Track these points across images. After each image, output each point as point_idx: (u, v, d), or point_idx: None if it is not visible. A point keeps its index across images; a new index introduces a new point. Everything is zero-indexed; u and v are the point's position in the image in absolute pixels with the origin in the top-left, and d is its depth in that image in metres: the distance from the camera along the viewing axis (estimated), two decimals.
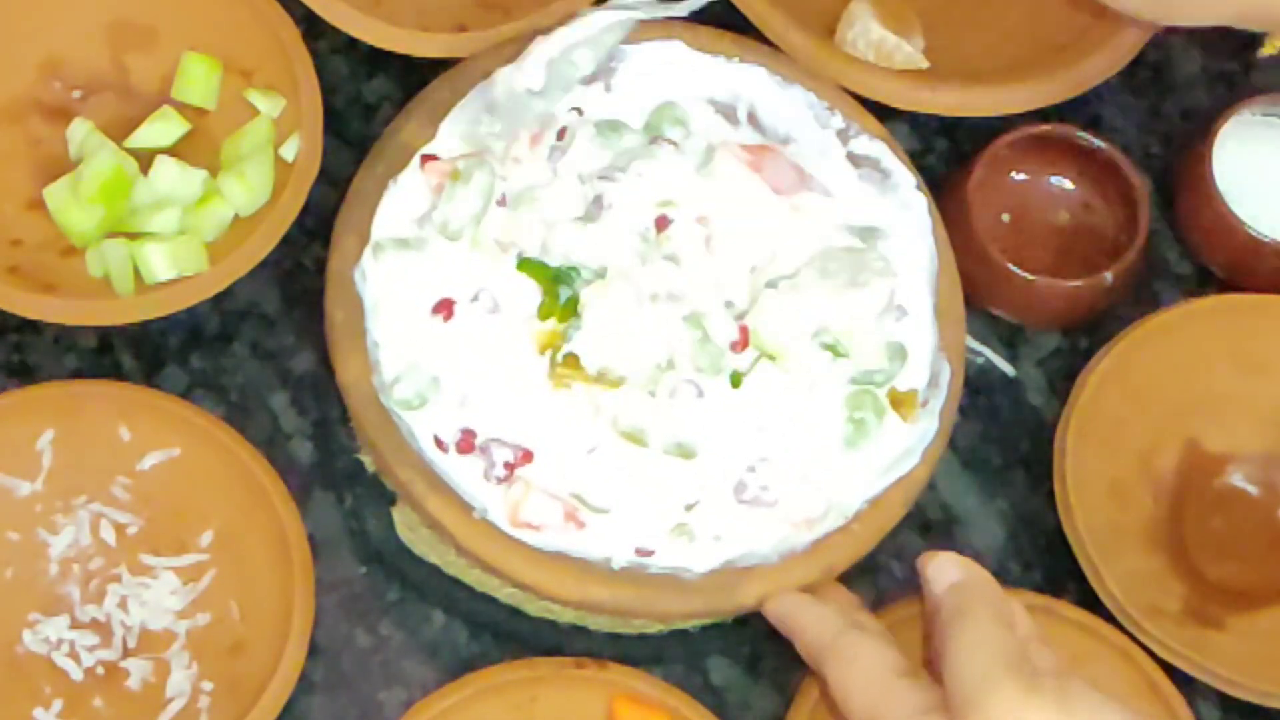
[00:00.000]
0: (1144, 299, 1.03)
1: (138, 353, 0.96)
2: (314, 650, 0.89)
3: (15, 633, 0.89)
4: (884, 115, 0.97)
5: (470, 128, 0.89)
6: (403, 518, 0.91)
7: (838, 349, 0.87)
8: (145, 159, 0.96)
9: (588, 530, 0.84)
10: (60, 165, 0.96)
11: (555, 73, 0.90)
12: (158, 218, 0.94)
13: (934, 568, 0.80)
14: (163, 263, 0.93)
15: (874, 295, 0.87)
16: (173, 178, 0.95)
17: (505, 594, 0.90)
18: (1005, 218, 1.03)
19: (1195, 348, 0.99)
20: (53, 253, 0.95)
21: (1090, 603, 0.93)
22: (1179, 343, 0.98)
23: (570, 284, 0.86)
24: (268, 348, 0.97)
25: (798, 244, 0.89)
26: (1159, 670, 0.91)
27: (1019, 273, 0.98)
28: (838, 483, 0.86)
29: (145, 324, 0.95)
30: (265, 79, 0.98)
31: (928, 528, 0.96)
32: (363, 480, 0.92)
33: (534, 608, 0.90)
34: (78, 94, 0.99)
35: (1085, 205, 1.03)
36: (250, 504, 0.90)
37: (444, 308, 0.86)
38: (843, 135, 0.94)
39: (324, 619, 0.90)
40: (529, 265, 0.87)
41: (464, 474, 0.84)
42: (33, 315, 0.93)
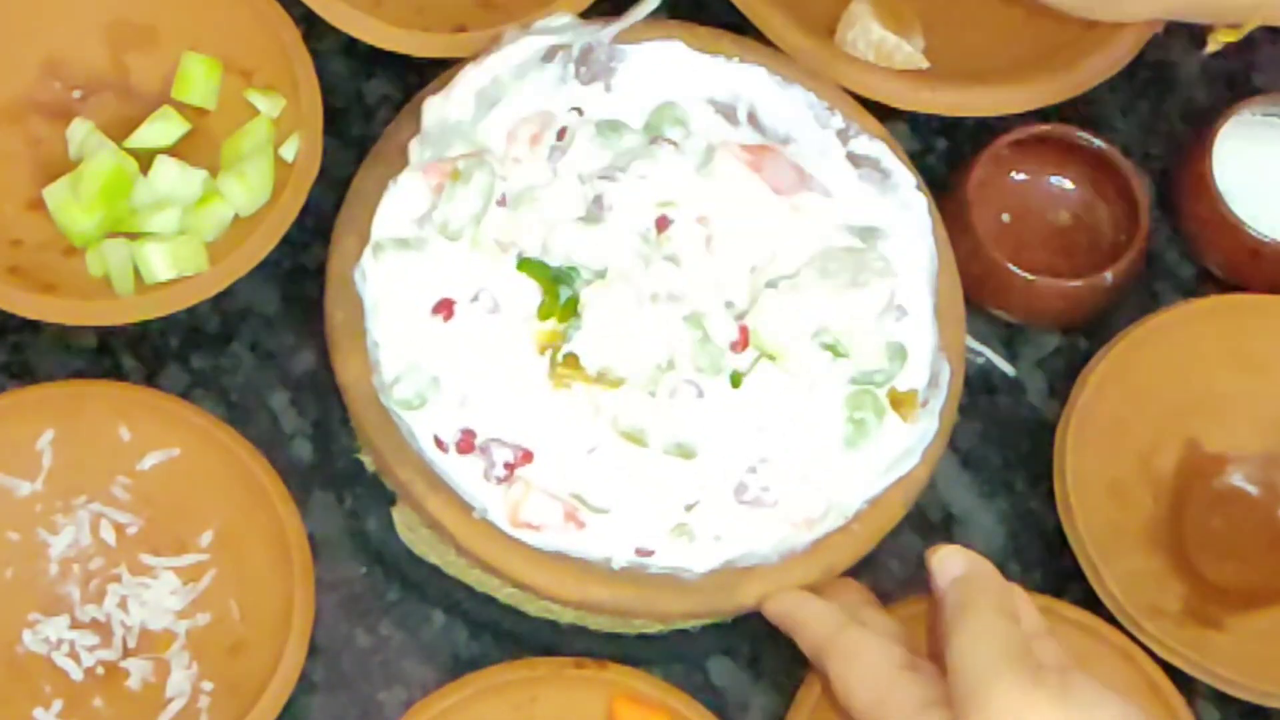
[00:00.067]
0: (1144, 299, 1.03)
1: (138, 353, 0.96)
2: (314, 650, 0.89)
3: (15, 633, 0.89)
4: (884, 115, 0.97)
5: (415, 155, 0.88)
6: (403, 518, 0.91)
7: (838, 349, 0.87)
8: (145, 159, 0.96)
9: (588, 530, 0.84)
10: (60, 165, 0.96)
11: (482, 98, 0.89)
12: (158, 218, 0.94)
13: (938, 560, 0.80)
14: (163, 263, 0.93)
15: (874, 295, 0.87)
16: (173, 178, 0.95)
17: (505, 594, 0.89)
18: (1005, 218, 1.03)
19: (1195, 348, 0.99)
20: (53, 253, 0.95)
21: (1090, 603, 0.92)
22: (1179, 343, 0.98)
23: (570, 284, 0.86)
24: (268, 348, 0.97)
25: (798, 244, 0.89)
26: (1159, 670, 0.91)
27: (1019, 273, 0.98)
28: (838, 483, 0.86)
29: (145, 324, 0.95)
30: (265, 79, 0.98)
31: (928, 528, 0.96)
32: (363, 480, 0.92)
33: (534, 608, 0.89)
34: (78, 94, 0.99)
35: (1085, 205, 1.03)
36: (250, 504, 0.90)
37: (444, 308, 0.86)
38: (843, 135, 0.94)
39: (324, 619, 0.90)
40: (529, 265, 0.87)
41: (464, 474, 0.84)
42: (33, 315, 0.93)
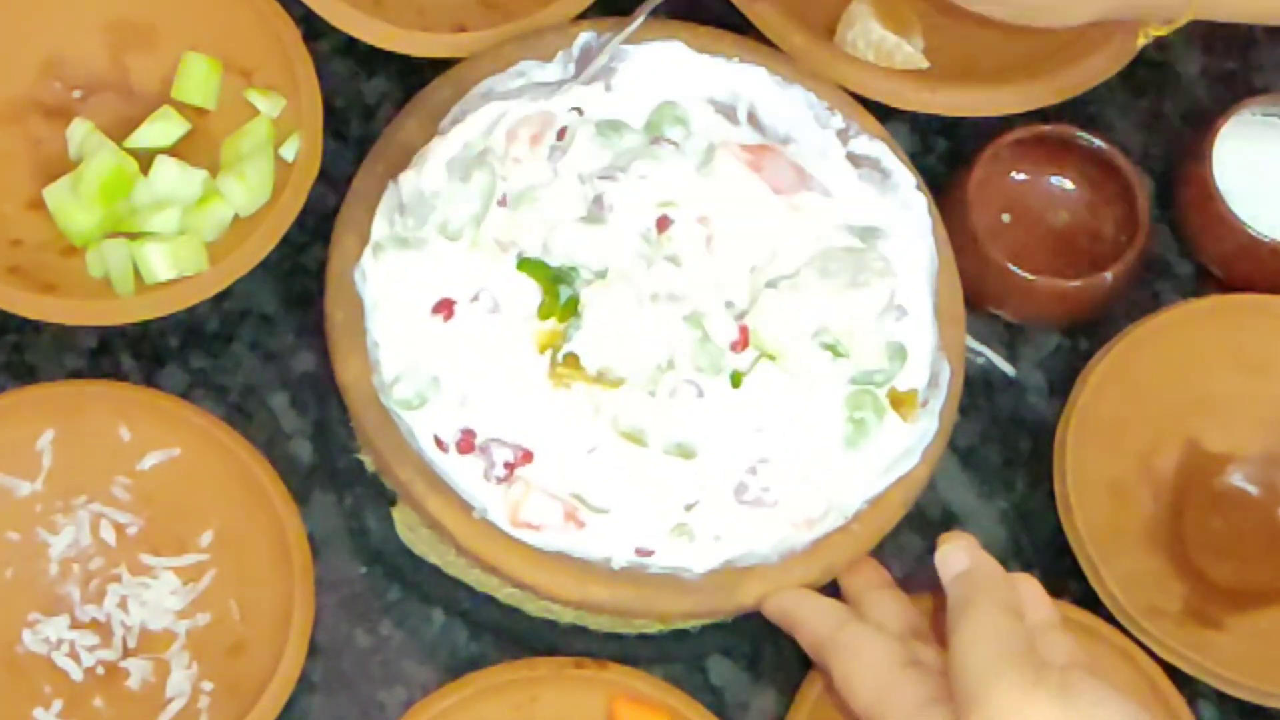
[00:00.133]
0: (1144, 299, 1.03)
1: (138, 353, 0.96)
2: (314, 650, 0.89)
3: (15, 633, 0.89)
4: (884, 115, 0.97)
5: (388, 226, 0.89)
6: (403, 518, 0.91)
7: (838, 349, 0.87)
8: (145, 159, 0.96)
9: (588, 530, 0.84)
10: (60, 165, 0.96)
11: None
12: (158, 218, 0.94)
13: (942, 555, 0.80)
14: (163, 263, 0.93)
15: (874, 295, 0.87)
16: (173, 178, 0.95)
17: (505, 594, 0.89)
18: (1005, 218, 1.03)
19: (1195, 348, 0.99)
20: (53, 253, 0.95)
21: (1090, 603, 0.92)
22: (1179, 343, 0.98)
23: (570, 284, 0.86)
24: (268, 348, 0.97)
25: (798, 244, 0.89)
26: (1159, 670, 0.91)
27: (1019, 273, 0.98)
28: (838, 483, 0.86)
29: (145, 324, 0.95)
30: (265, 79, 0.98)
31: (928, 527, 0.96)
32: (363, 480, 0.92)
33: (534, 608, 0.89)
34: (78, 94, 0.99)
35: (1085, 205, 1.03)
36: (250, 504, 0.90)
37: (444, 307, 0.86)
38: (843, 135, 0.94)
39: (324, 619, 0.90)
40: (529, 265, 0.87)
41: (464, 474, 0.84)
42: (33, 315, 0.93)
